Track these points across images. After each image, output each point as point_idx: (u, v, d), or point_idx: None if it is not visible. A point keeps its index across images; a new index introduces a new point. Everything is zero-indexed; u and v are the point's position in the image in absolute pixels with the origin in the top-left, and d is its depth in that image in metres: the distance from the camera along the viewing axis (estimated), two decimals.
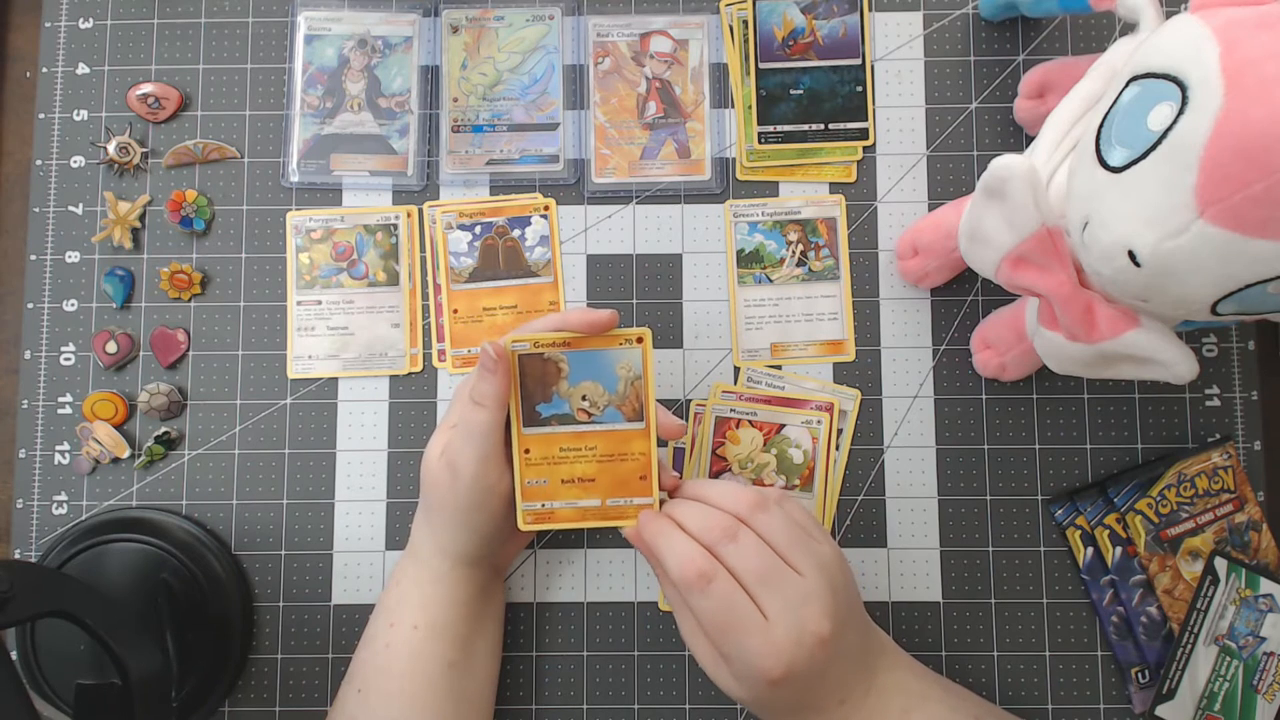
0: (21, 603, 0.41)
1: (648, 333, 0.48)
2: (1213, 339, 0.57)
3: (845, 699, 0.45)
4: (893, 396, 0.57)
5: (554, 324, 0.48)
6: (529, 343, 0.47)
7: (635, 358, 0.48)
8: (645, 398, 0.48)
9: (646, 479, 0.48)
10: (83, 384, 0.57)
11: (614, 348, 0.48)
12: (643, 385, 0.48)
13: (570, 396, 0.48)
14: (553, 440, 0.48)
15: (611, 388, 0.48)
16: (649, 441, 0.48)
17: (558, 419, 0.48)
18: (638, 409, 0.48)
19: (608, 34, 0.59)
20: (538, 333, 0.48)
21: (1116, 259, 0.37)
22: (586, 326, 0.47)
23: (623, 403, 0.48)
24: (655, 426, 0.48)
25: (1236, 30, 0.34)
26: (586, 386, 0.48)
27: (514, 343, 0.47)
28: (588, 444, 0.48)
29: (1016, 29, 0.59)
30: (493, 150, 0.58)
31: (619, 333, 0.48)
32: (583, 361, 0.48)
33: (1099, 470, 0.56)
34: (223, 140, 0.58)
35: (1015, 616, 0.55)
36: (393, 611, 0.50)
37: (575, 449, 0.48)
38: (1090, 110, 0.43)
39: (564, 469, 0.48)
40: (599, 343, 0.48)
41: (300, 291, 0.57)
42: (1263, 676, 0.53)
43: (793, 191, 0.58)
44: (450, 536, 0.49)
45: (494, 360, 0.46)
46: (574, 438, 0.48)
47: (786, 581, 0.43)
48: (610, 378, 0.48)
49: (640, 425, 0.48)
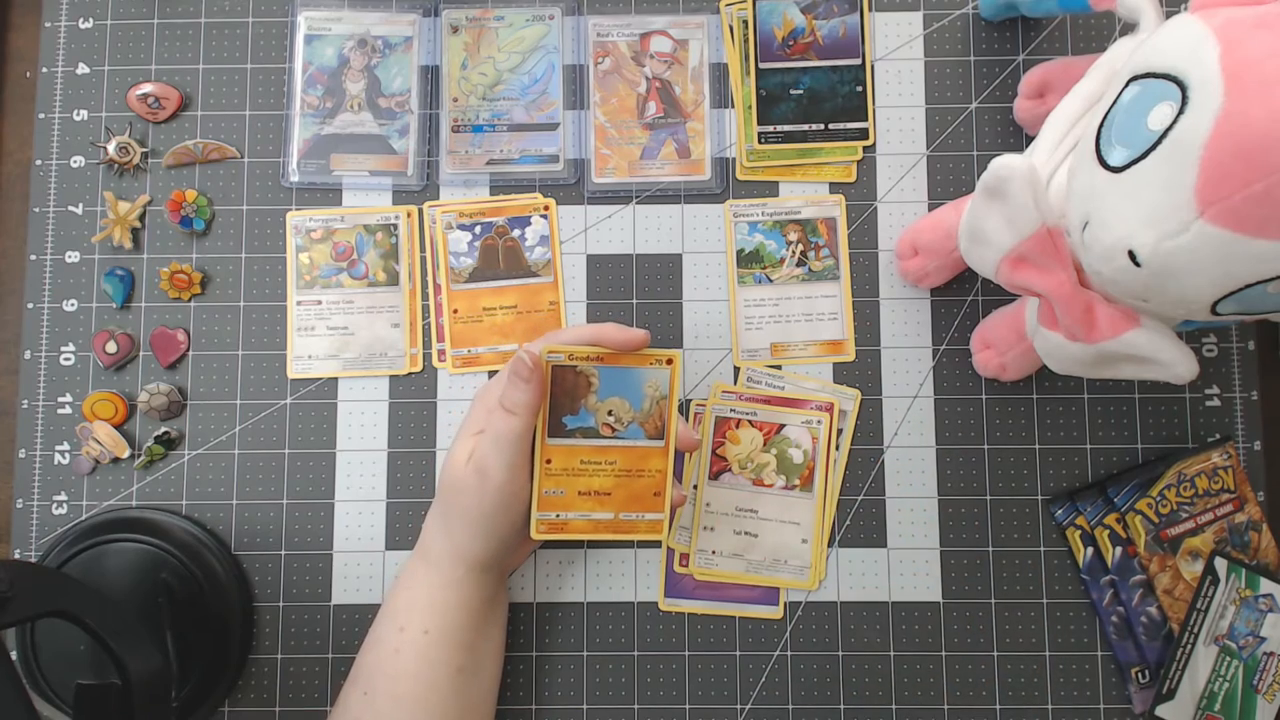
0: (21, 603, 0.41)
1: (678, 355, 0.49)
2: (1213, 339, 0.57)
3: None
4: (893, 396, 0.57)
5: (588, 335, 0.48)
6: (564, 354, 0.48)
7: (663, 378, 0.49)
8: (668, 417, 0.49)
9: (660, 495, 0.50)
10: (83, 384, 0.57)
11: (644, 366, 0.49)
12: (667, 405, 0.49)
13: (597, 410, 0.49)
14: (574, 452, 0.49)
15: (637, 405, 0.49)
16: (666, 460, 0.49)
17: (582, 432, 0.49)
18: (659, 427, 0.49)
19: (608, 34, 0.59)
20: (570, 344, 0.48)
21: (1116, 259, 0.37)
22: (622, 344, 0.48)
23: (646, 420, 0.49)
24: (674, 446, 0.49)
25: (1236, 30, 0.34)
26: (614, 402, 0.49)
27: (549, 353, 0.48)
28: (608, 458, 0.49)
29: (1016, 29, 0.59)
30: (493, 150, 0.58)
31: (650, 352, 0.48)
32: (613, 377, 0.48)
33: (1099, 470, 0.56)
34: (223, 140, 0.58)
35: (1015, 616, 0.55)
36: (402, 615, 0.50)
37: (595, 462, 0.49)
38: (1090, 110, 0.43)
39: (582, 481, 0.49)
40: (631, 360, 0.48)
41: (300, 291, 0.57)
42: (1263, 676, 0.53)
43: (793, 191, 0.58)
44: (470, 542, 0.49)
45: (530, 369, 0.46)
46: (595, 451, 0.49)
47: None
48: (637, 395, 0.49)
49: (659, 444, 0.49)
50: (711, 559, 0.56)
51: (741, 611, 0.56)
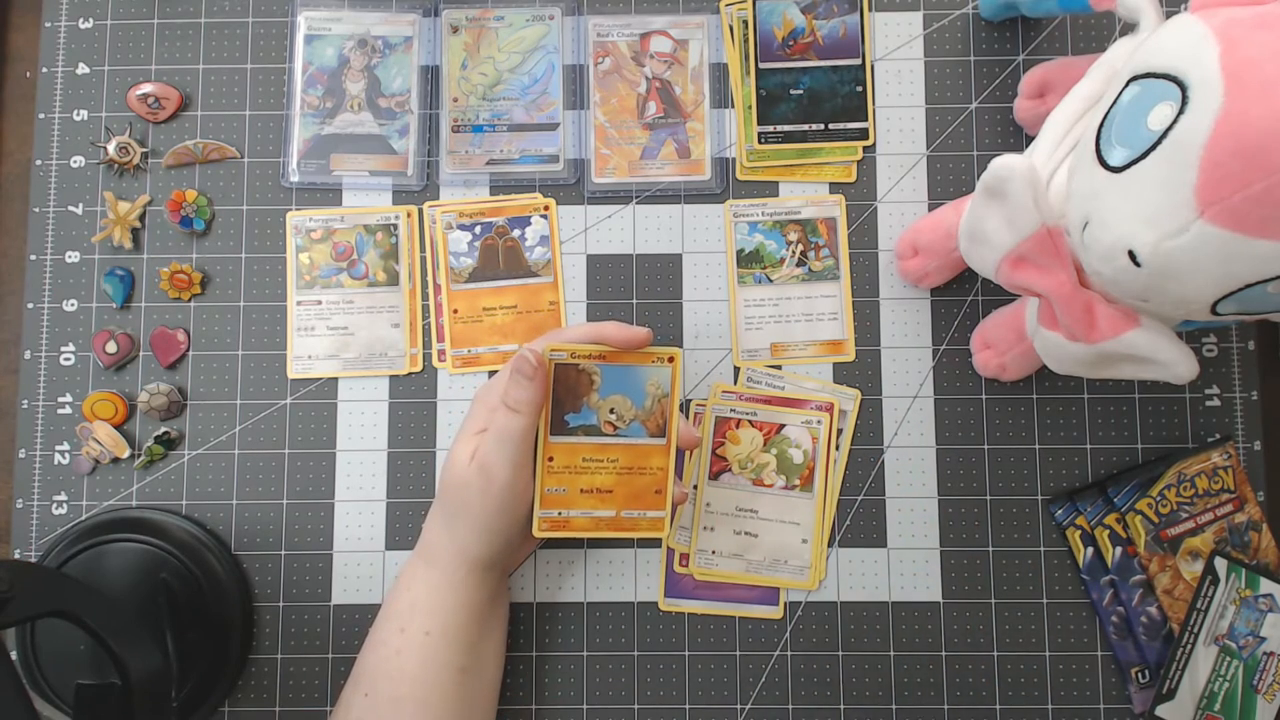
0: (21, 603, 0.41)
1: (679, 353, 0.49)
2: (1213, 339, 0.57)
3: None
4: (893, 396, 0.57)
5: (590, 334, 0.49)
6: (567, 352, 0.48)
7: (664, 376, 0.49)
8: (669, 415, 0.49)
9: (661, 493, 0.50)
10: (83, 384, 0.57)
11: (646, 365, 0.49)
12: (668, 403, 0.49)
13: (599, 408, 0.49)
14: (576, 450, 0.49)
15: (639, 403, 0.49)
16: (668, 458, 0.49)
17: (584, 429, 0.49)
18: (661, 425, 0.49)
19: (608, 34, 0.59)
20: (573, 343, 0.48)
21: (1116, 259, 0.37)
22: (624, 342, 0.48)
23: (648, 418, 0.49)
24: (675, 444, 0.49)
25: (1236, 30, 0.34)
26: (615, 400, 0.49)
27: (552, 351, 0.48)
28: (610, 456, 0.49)
29: (1016, 29, 0.59)
30: (493, 150, 0.58)
31: (652, 350, 0.49)
32: (615, 375, 0.49)
33: (1099, 470, 0.56)
34: (223, 140, 0.58)
35: (1015, 616, 0.55)
36: (403, 616, 0.49)
37: (597, 460, 0.49)
38: (1090, 110, 0.43)
39: (584, 479, 0.49)
40: (633, 358, 0.49)
41: (300, 291, 0.57)
42: (1263, 676, 0.53)
43: (793, 191, 0.58)
44: (473, 541, 0.49)
45: (533, 367, 0.47)
46: (597, 449, 0.49)
47: None
48: (639, 393, 0.49)
49: (661, 441, 0.49)
50: (711, 559, 0.56)
51: (741, 611, 0.56)
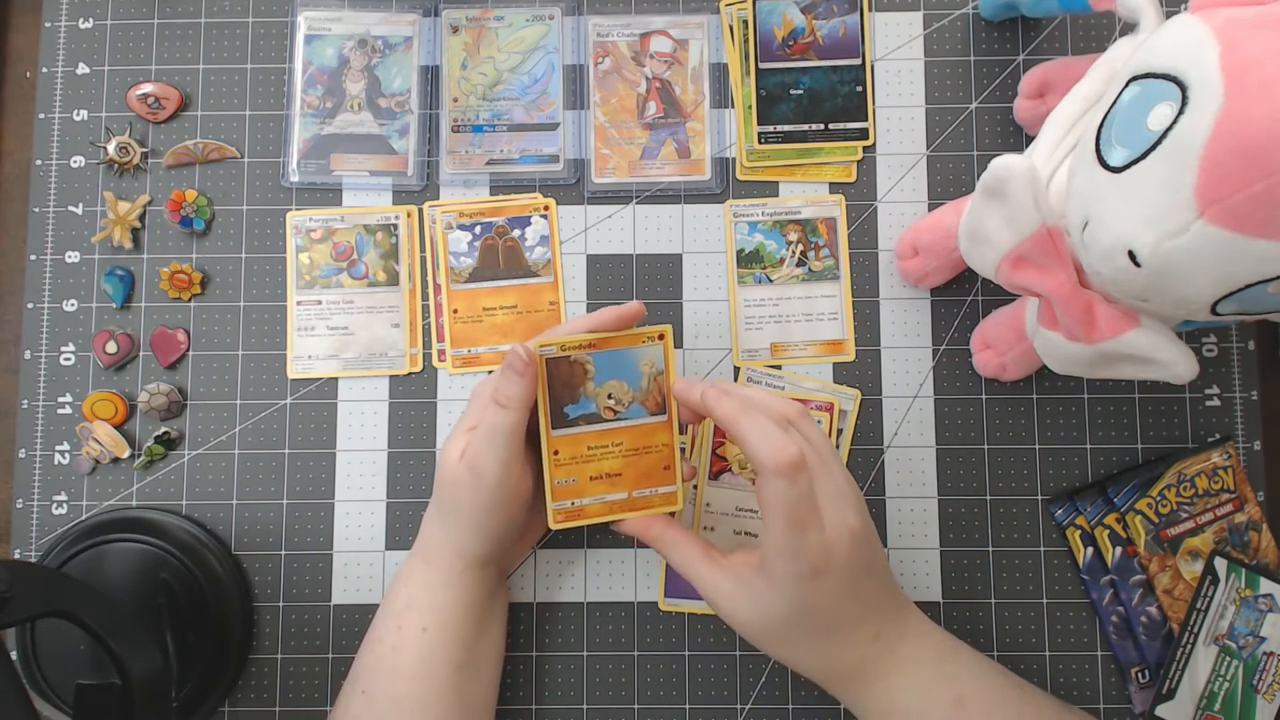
0: (21, 603, 0.41)
1: (669, 329, 0.49)
2: (1213, 339, 0.57)
3: (879, 635, 0.45)
4: (893, 396, 0.57)
5: (588, 326, 0.48)
6: (555, 346, 0.48)
7: (657, 354, 0.49)
8: (667, 391, 0.49)
9: (670, 468, 0.50)
10: (83, 384, 0.57)
11: (638, 346, 0.49)
12: (664, 379, 0.49)
13: (597, 396, 0.49)
14: (580, 440, 0.49)
15: (635, 384, 0.49)
16: (671, 433, 0.50)
17: (585, 419, 0.49)
18: (660, 402, 0.49)
19: (608, 34, 0.59)
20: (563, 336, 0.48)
21: (1116, 259, 0.37)
22: (617, 321, 0.48)
23: (646, 398, 0.49)
24: (676, 418, 0.50)
25: (1236, 30, 0.34)
26: (612, 385, 0.49)
27: (541, 346, 0.48)
28: (614, 440, 0.49)
29: (1016, 29, 0.59)
30: (493, 150, 0.58)
31: (641, 331, 0.49)
32: (608, 361, 0.49)
33: (1099, 470, 0.56)
34: (223, 140, 0.58)
35: (1015, 616, 0.55)
36: (400, 614, 0.49)
37: (603, 446, 0.49)
38: (1090, 110, 0.43)
39: (592, 466, 0.49)
40: (622, 342, 0.49)
41: (300, 291, 0.57)
42: (1263, 676, 0.53)
43: (793, 191, 0.58)
44: (468, 539, 0.49)
45: (524, 363, 0.47)
46: (601, 435, 0.49)
47: (832, 475, 0.44)
48: (634, 375, 0.49)
49: (663, 418, 0.50)
50: None
51: None
